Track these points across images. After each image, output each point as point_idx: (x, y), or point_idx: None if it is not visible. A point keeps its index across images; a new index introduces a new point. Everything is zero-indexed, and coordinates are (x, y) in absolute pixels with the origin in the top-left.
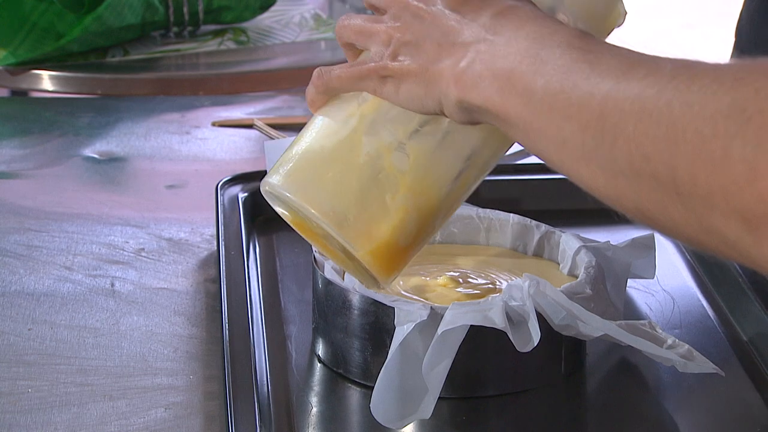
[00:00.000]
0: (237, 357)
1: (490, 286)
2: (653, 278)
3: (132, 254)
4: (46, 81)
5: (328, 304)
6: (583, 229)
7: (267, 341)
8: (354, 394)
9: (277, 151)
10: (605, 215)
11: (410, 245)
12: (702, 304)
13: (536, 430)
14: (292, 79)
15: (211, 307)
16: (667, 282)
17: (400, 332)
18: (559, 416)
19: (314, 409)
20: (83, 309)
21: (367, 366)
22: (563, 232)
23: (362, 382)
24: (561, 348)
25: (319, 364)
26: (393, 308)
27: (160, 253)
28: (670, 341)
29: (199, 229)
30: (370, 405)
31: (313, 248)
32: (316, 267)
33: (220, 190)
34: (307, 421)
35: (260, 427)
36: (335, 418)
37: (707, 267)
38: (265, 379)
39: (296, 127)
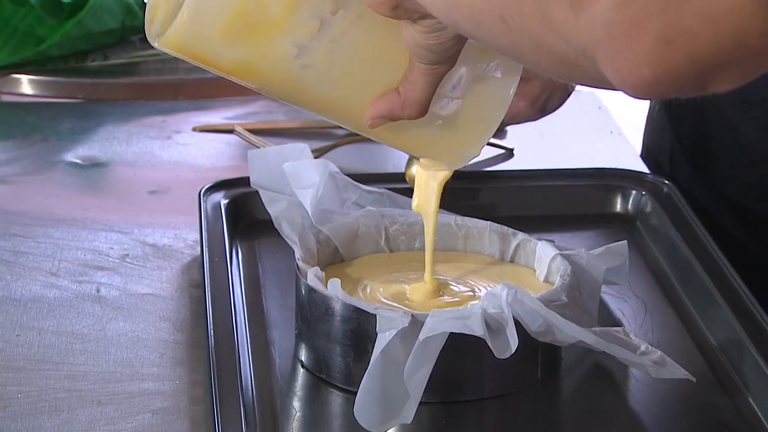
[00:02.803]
0: (222, 363)
1: (469, 293)
2: (625, 284)
3: (117, 260)
4: (25, 85)
5: (311, 311)
6: (556, 234)
7: (251, 347)
8: (337, 399)
9: (260, 160)
10: (576, 221)
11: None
12: (672, 310)
13: None
14: None
15: (195, 312)
16: (639, 288)
17: (382, 339)
18: (537, 420)
19: (298, 414)
20: (70, 315)
21: (349, 371)
22: (539, 240)
23: (345, 387)
24: (537, 353)
25: (302, 369)
26: (375, 315)
27: (145, 259)
28: (643, 347)
29: (182, 235)
30: (354, 410)
31: (296, 255)
32: (299, 275)
33: (203, 196)
34: (291, 426)
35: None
36: (319, 423)
37: (678, 272)
38: (249, 384)
39: (276, 133)
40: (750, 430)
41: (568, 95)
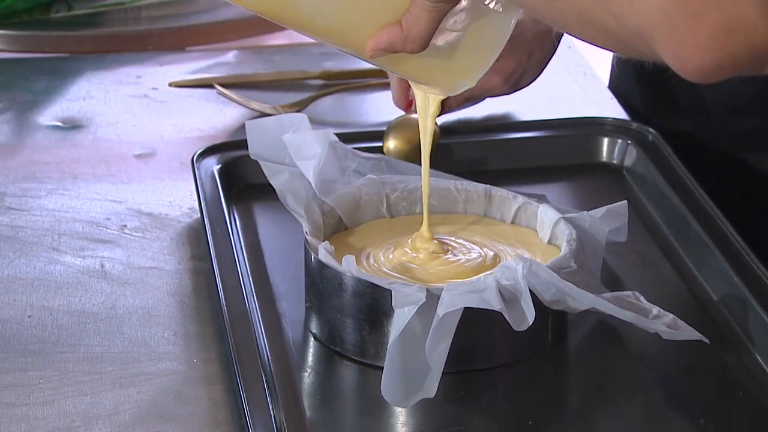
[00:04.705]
0: (240, 342)
1: (477, 257)
2: (624, 240)
3: (116, 232)
4: None
5: (323, 286)
6: (544, 186)
7: (262, 321)
8: (354, 372)
9: (258, 130)
10: (563, 172)
11: None
12: (669, 264)
13: (530, 400)
14: (239, 31)
15: (199, 285)
16: (634, 241)
17: (401, 315)
18: (551, 383)
19: (319, 389)
20: (78, 293)
21: (364, 344)
22: (540, 203)
23: (359, 359)
24: (548, 319)
25: (315, 342)
26: (389, 290)
27: (143, 230)
28: (655, 311)
29: (176, 202)
30: (380, 388)
31: (304, 229)
32: (309, 249)
33: (196, 162)
34: (314, 402)
35: (273, 410)
36: (341, 397)
37: (670, 224)
38: (267, 361)
39: (254, 86)
40: (760, 389)
41: (541, 72)
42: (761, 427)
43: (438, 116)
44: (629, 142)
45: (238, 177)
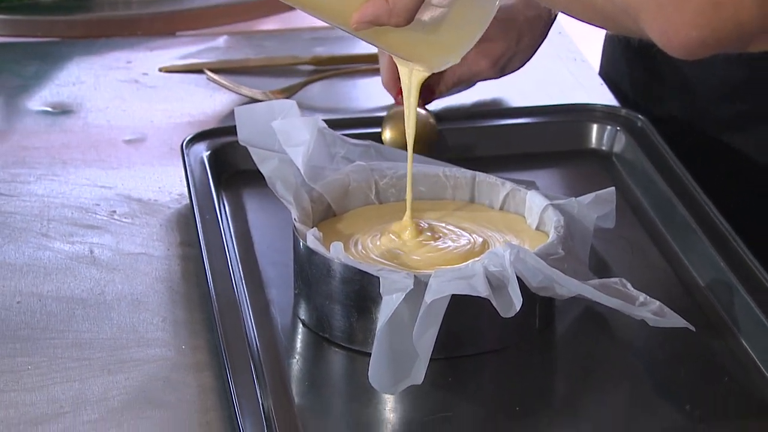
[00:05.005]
0: (228, 328)
1: (466, 243)
2: (612, 226)
3: (105, 217)
4: None
5: (312, 272)
6: (533, 173)
7: (251, 307)
8: (342, 358)
9: (248, 116)
10: (552, 158)
11: None
12: (657, 250)
13: (518, 386)
14: (229, 16)
15: (188, 271)
16: (622, 226)
17: (389, 302)
18: (539, 369)
19: (307, 375)
20: (67, 279)
21: (352, 331)
22: (528, 190)
23: (347, 346)
24: (536, 305)
25: (303, 329)
26: (377, 276)
27: (133, 216)
28: (642, 299)
29: (165, 188)
30: (368, 375)
31: (293, 216)
32: (297, 235)
33: (185, 148)
34: (302, 389)
35: (261, 397)
36: (329, 384)
37: (658, 209)
38: (255, 348)
39: (243, 71)
40: (746, 373)
41: (530, 57)
42: (746, 411)
43: (428, 102)
44: (618, 128)
45: (228, 163)
